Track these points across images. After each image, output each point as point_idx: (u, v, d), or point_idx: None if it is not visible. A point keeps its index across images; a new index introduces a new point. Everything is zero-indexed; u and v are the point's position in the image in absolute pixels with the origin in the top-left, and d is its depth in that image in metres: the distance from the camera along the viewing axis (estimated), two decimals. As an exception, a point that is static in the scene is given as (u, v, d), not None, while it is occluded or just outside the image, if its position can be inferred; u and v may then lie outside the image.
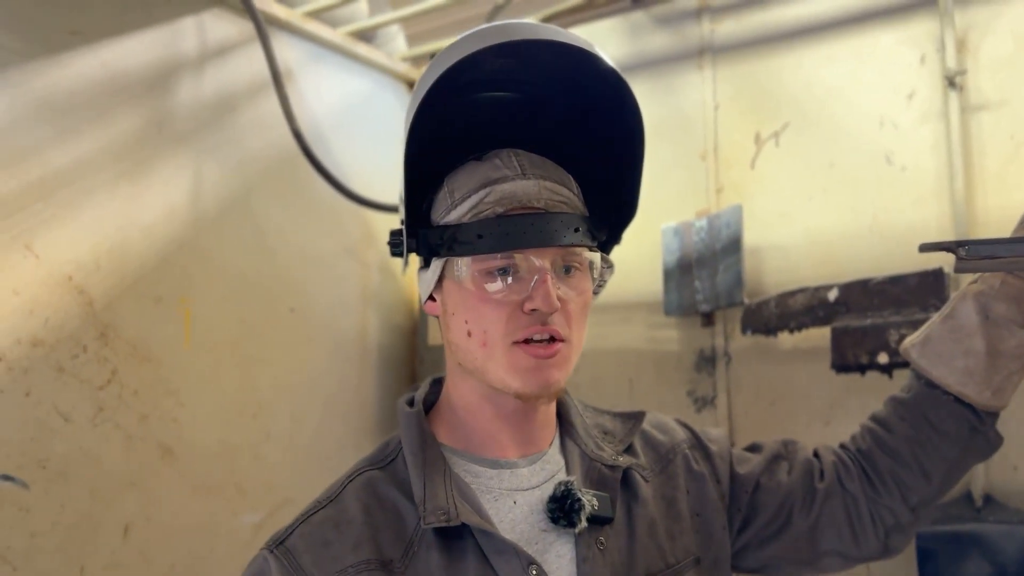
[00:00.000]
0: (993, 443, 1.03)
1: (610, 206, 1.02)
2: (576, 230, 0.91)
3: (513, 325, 0.89)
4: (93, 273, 1.46)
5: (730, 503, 1.06)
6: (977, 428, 1.01)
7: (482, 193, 0.91)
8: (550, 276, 0.88)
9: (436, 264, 0.94)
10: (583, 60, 0.91)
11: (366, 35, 2.14)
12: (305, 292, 1.88)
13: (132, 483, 1.50)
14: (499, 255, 0.89)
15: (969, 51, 1.50)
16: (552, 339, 0.89)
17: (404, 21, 2.12)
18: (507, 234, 0.88)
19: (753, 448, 1.14)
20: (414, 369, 2.14)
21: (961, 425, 1.01)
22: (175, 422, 1.58)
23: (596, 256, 0.95)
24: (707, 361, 1.73)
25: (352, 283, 2.01)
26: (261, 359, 1.76)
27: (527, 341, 0.89)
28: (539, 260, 0.89)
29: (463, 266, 0.91)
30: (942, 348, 1.02)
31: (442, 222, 0.94)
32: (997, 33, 1.48)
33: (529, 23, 0.90)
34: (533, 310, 0.88)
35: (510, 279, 0.89)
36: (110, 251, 1.49)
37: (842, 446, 1.12)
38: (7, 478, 1.33)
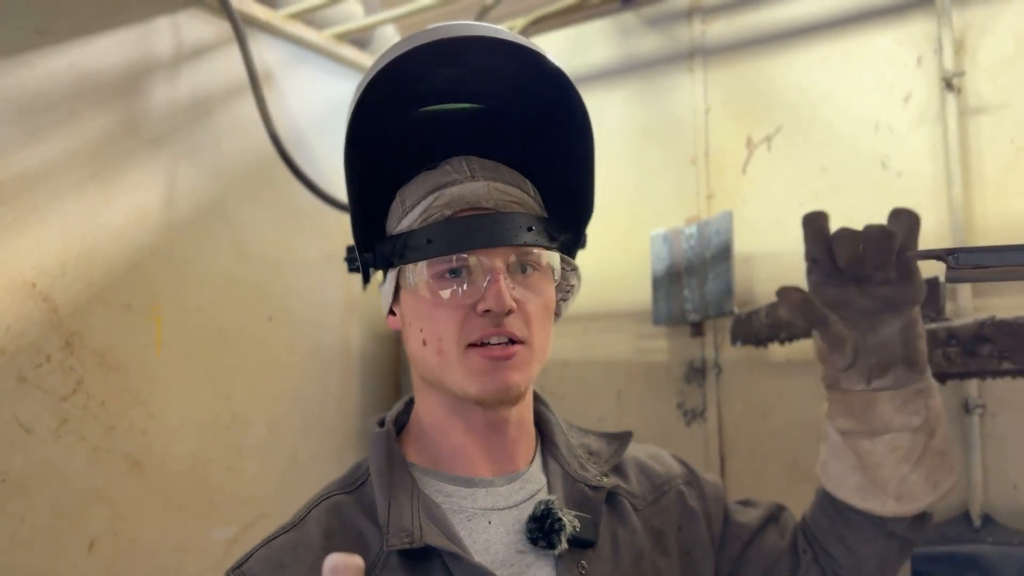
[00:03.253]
0: (913, 544, 0.99)
1: (571, 208, 0.98)
2: (530, 229, 0.88)
3: (467, 329, 0.85)
4: (58, 279, 1.42)
5: (720, 548, 1.02)
6: (891, 532, 0.97)
7: (431, 198, 0.89)
8: (503, 276, 0.85)
9: (391, 275, 0.92)
10: (530, 63, 0.88)
11: (361, 40, 2.10)
12: (284, 299, 1.83)
13: (98, 497, 1.45)
14: (449, 257, 0.86)
15: (967, 52, 1.44)
16: (511, 342, 0.86)
17: (400, 25, 2.08)
18: (456, 235, 0.86)
19: (746, 503, 1.11)
20: (398, 379, 2.09)
21: (874, 528, 0.97)
22: (144, 434, 1.53)
23: (555, 257, 0.92)
24: (697, 372, 1.68)
25: (334, 290, 1.96)
26: (237, 369, 1.71)
27: (483, 344, 0.85)
28: (490, 260, 0.86)
29: (415, 273, 0.88)
30: (833, 470, 0.98)
31: (395, 232, 0.91)
32: (996, 33, 1.42)
33: (466, 23, 0.86)
34: (487, 311, 0.84)
35: (465, 284, 0.86)
36: (77, 256, 1.44)
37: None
38: (-36, 492, 1.29)
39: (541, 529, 0.87)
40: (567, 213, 0.98)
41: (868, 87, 1.54)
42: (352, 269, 0.97)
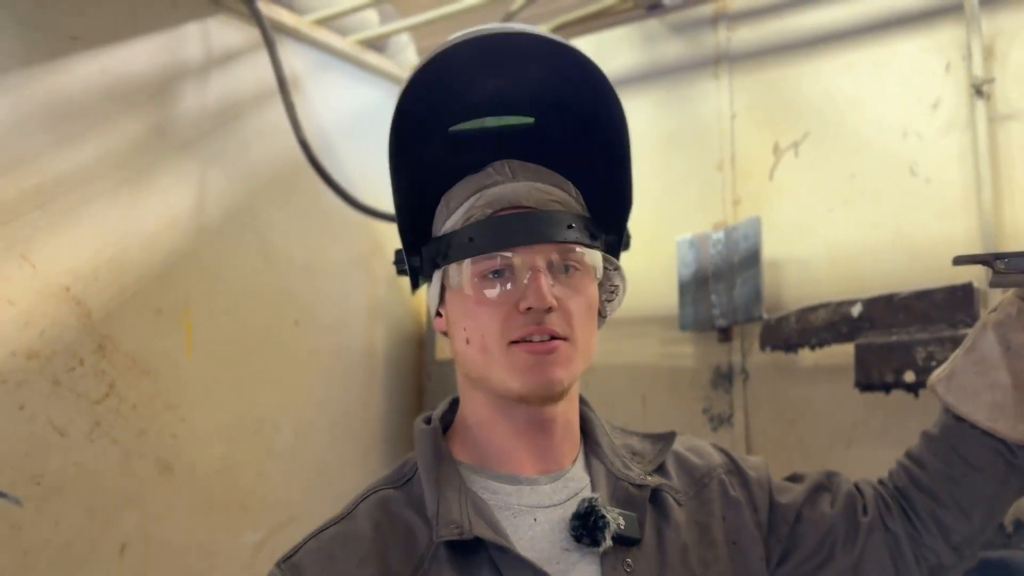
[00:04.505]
0: None
1: (611, 207, 0.99)
2: (570, 227, 0.89)
3: (509, 326, 0.86)
4: (91, 284, 1.42)
5: (768, 533, 1.01)
6: (1013, 463, 0.96)
7: (473, 199, 0.91)
8: (543, 273, 0.86)
9: (436, 275, 0.94)
10: (570, 67, 0.90)
11: (377, 45, 2.11)
12: (310, 304, 1.84)
13: (130, 500, 1.46)
14: (492, 256, 0.87)
15: (996, 59, 1.45)
16: (552, 338, 0.87)
17: (415, 32, 2.09)
18: (497, 233, 0.87)
19: (794, 478, 1.09)
20: (422, 383, 2.09)
21: (996, 460, 0.96)
22: (175, 437, 1.54)
23: (597, 256, 0.93)
24: (724, 378, 1.68)
25: (359, 295, 1.97)
26: (264, 373, 1.72)
27: (525, 341, 0.86)
28: (531, 258, 0.87)
29: (459, 272, 0.89)
30: (967, 382, 0.96)
31: (439, 233, 0.93)
32: (1026, 40, 1.43)
33: (501, 24, 0.88)
34: (528, 309, 0.85)
35: (508, 283, 0.87)
36: (109, 261, 1.45)
37: (880, 482, 1.07)
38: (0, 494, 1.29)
39: (585, 526, 0.88)
40: (609, 213, 0.99)
41: (896, 93, 1.54)
42: (400, 272, 0.99)
